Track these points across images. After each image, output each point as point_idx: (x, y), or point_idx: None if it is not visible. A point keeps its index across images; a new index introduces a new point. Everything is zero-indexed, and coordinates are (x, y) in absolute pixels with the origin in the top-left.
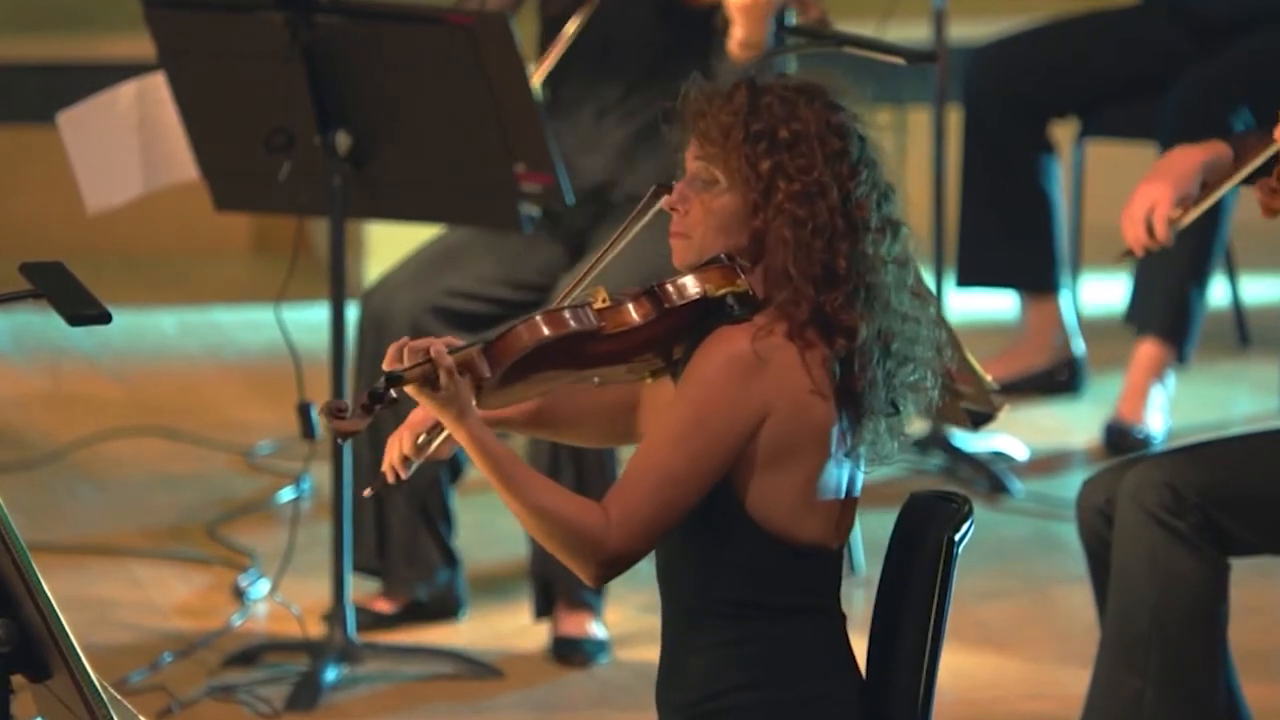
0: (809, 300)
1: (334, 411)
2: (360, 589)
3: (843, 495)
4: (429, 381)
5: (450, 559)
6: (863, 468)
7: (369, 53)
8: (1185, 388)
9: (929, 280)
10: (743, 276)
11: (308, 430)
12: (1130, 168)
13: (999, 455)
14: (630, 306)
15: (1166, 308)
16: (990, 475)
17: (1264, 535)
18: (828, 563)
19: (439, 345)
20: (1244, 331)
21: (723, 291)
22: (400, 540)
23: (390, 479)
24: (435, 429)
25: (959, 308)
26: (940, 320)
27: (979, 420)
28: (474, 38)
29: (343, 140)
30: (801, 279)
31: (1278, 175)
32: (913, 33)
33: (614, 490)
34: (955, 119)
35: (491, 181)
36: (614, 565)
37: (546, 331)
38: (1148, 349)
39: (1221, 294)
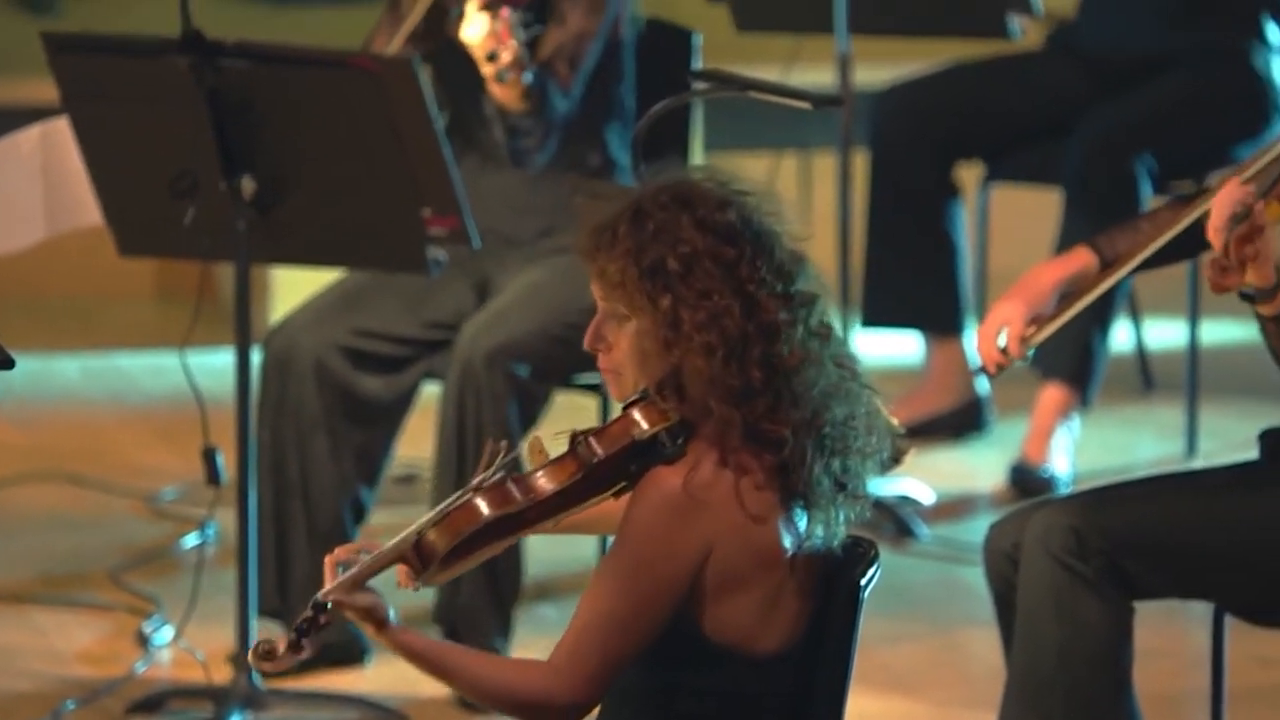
0: (735, 424)
1: (264, 654)
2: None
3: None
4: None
5: None
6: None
7: (275, 97)
8: (1090, 431)
9: (835, 321)
10: (671, 410)
11: (212, 475)
12: (1034, 212)
13: (905, 499)
14: (556, 468)
15: (1071, 352)
16: (896, 519)
17: (1168, 579)
18: (788, 667)
19: (349, 569)
20: (1147, 375)
21: (654, 431)
22: (304, 583)
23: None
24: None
25: (864, 350)
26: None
27: (885, 464)
28: (380, 82)
29: (248, 185)
30: (723, 404)
31: (1233, 251)
32: (818, 77)
33: (561, 643)
34: (861, 163)
35: (398, 226)
36: (569, 717)
37: (485, 514)
38: (1052, 392)
39: (1125, 338)
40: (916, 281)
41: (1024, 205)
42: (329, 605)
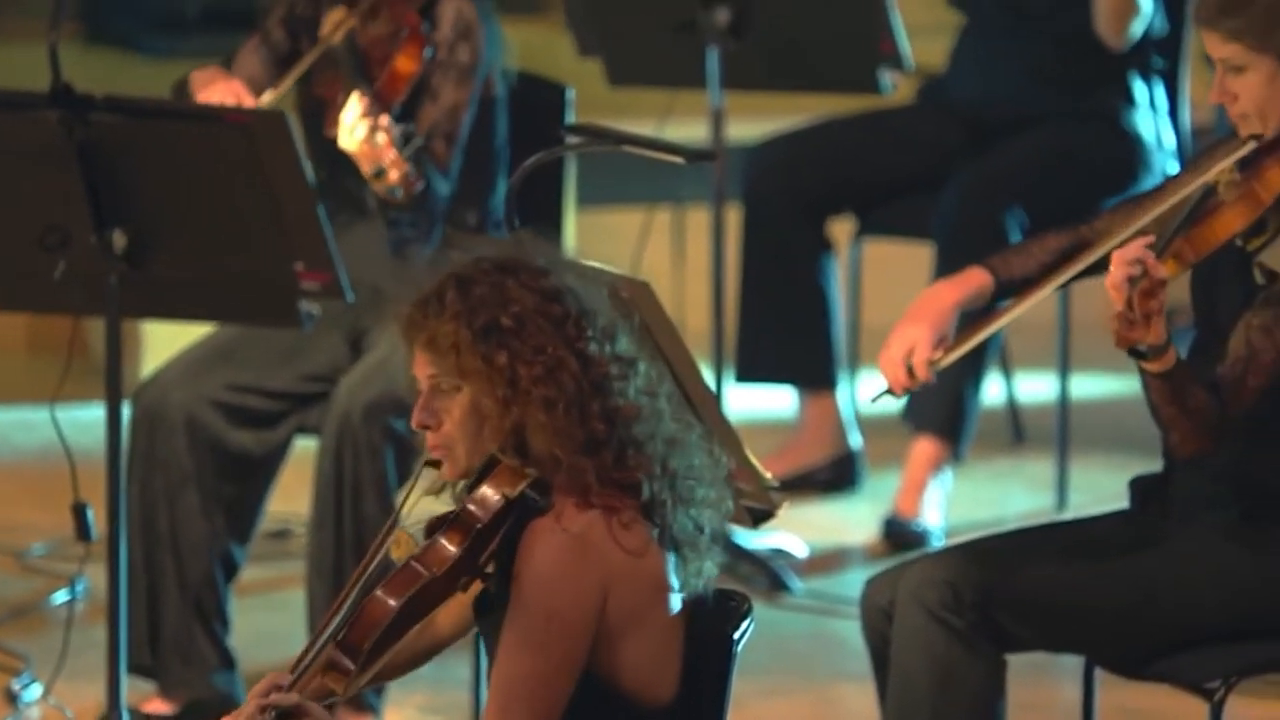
0: (588, 471)
1: None
2: (137, 690)
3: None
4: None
5: (227, 659)
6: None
7: (145, 150)
8: (961, 484)
9: (709, 377)
10: (523, 474)
11: (83, 531)
12: (906, 265)
13: (778, 552)
14: (444, 541)
15: (943, 405)
16: (770, 573)
17: (1040, 632)
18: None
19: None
20: (1019, 429)
21: (520, 488)
22: (175, 638)
23: None
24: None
25: (738, 405)
26: (720, 421)
27: (759, 517)
28: (252, 135)
29: (119, 239)
30: (571, 454)
31: (1137, 306)
32: (691, 131)
33: (486, 714)
34: (734, 217)
35: (270, 280)
36: None
37: (393, 603)
38: (924, 446)
39: (996, 392)
40: (789, 337)
41: (896, 259)
42: None
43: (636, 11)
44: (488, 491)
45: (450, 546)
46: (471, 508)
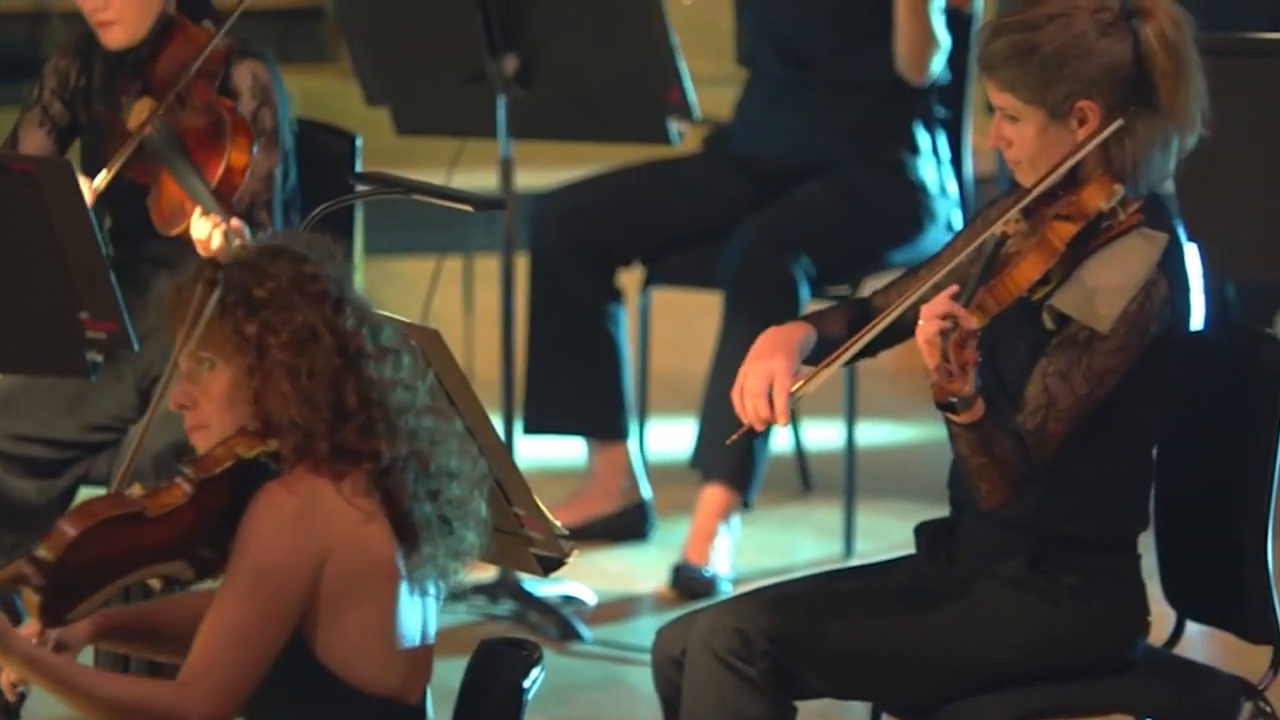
0: (324, 438)
1: None
2: None
3: (419, 641)
4: None
5: (6, 710)
6: (434, 596)
7: None
8: (750, 531)
9: (499, 427)
10: (263, 440)
11: None
12: (695, 314)
13: (568, 600)
14: (170, 487)
15: (731, 453)
16: (560, 621)
17: (828, 680)
18: (409, 718)
19: None
20: (806, 476)
21: (255, 452)
22: None
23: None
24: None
25: (528, 454)
26: (510, 470)
27: (549, 566)
28: (37, 183)
29: None
30: (310, 421)
31: (953, 358)
32: (480, 180)
33: (189, 660)
34: (523, 266)
35: (55, 329)
36: None
37: (89, 522)
38: (713, 493)
39: (784, 440)
40: (578, 387)
41: (685, 308)
42: None
43: (424, 60)
44: (221, 449)
45: (173, 492)
46: (202, 460)
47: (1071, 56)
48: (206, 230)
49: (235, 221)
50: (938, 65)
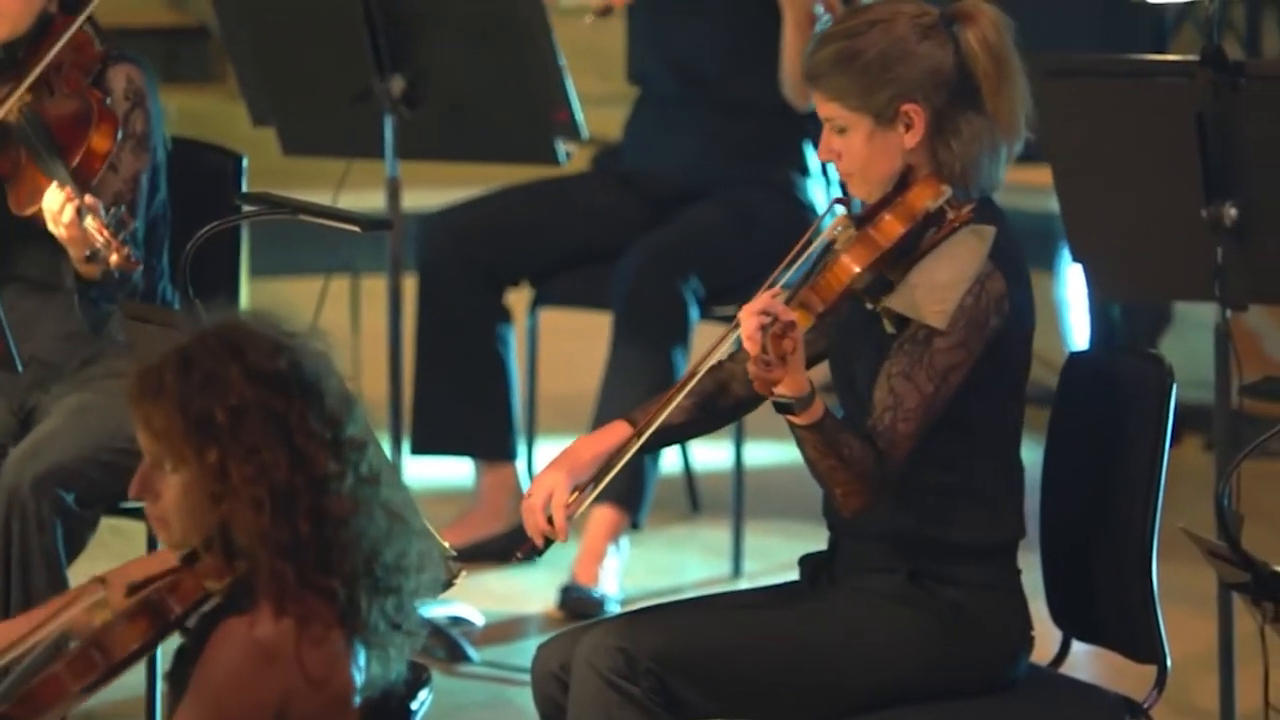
0: (287, 575)
1: None
2: None
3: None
4: None
5: None
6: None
7: None
8: (638, 552)
9: (385, 448)
10: (229, 568)
11: None
12: (584, 335)
13: (456, 621)
14: (133, 626)
15: (620, 474)
16: (448, 642)
17: (712, 699)
18: None
19: None
20: (694, 497)
21: (220, 587)
22: None
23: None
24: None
25: (415, 475)
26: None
27: (438, 588)
28: None
29: None
30: (273, 557)
31: (770, 349)
32: (367, 200)
33: None
34: (411, 286)
35: None
36: None
37: (70, 686)
38: (602, 514)
39: (673, 460)
40: (466, 407)
41: (574, 328)
42: None
43: (310, 80)
44: (188, 587)
45: (136, 635)
46: (169, 600)
47: (894, 60)
48: (59, 202)
49: (89, 198)
50: None
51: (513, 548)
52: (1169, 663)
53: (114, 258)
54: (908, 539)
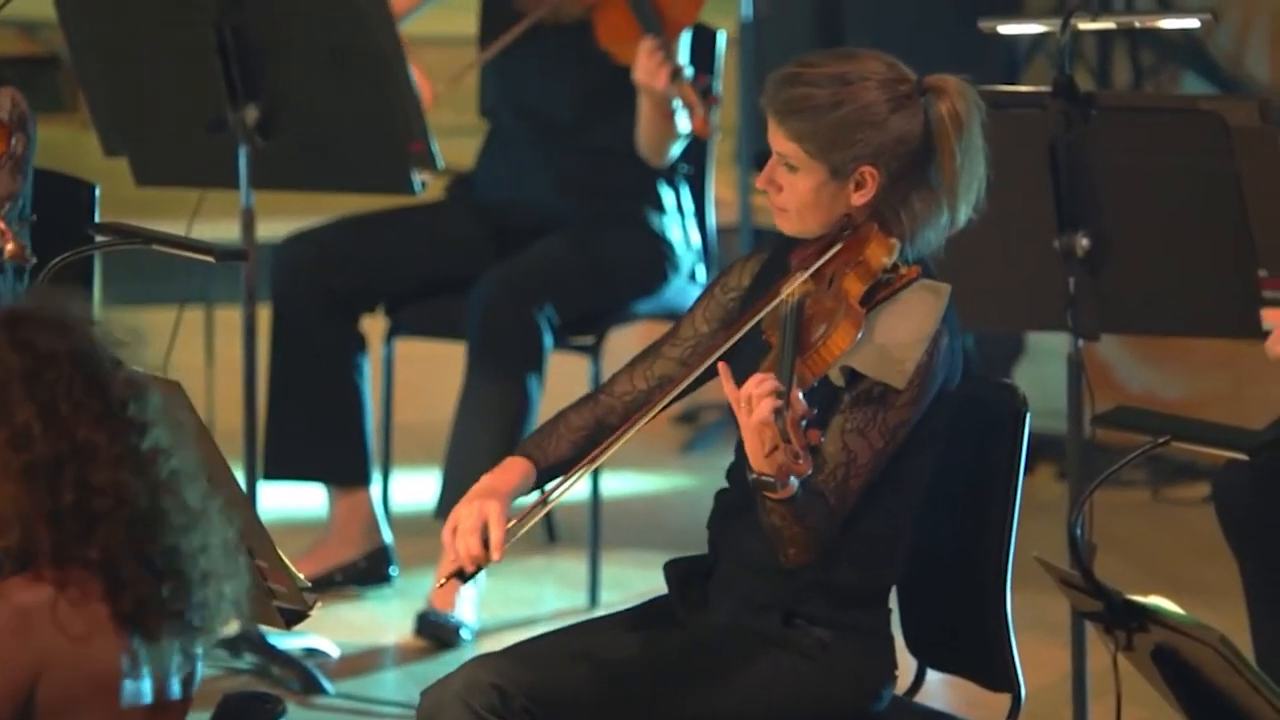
0: (44, 540)
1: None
2: None
3: (150, 700)
4: None
5: None
6: (191, 660)
7: None
8: (495, 582)
9: (240, 477)
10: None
11: None
12: (439, 363)
13: (311, 653)
14: None
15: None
16: (303, 674)
17: None
18: None
19: None
20: (551, 528)
21: None
22: None
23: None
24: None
25: (269, 504)
26: (253, 522)
27: (291, 618)
28: None
29: None
30: (31, 523)
31: (794, 438)
32: (222, 230)
33: None
34: (266, 317)
35: None
36: None
37: None
38: None
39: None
40: (320, 434)
41: (428, 358)
42: None
43: (163, 110)
44: None
45: None
46: None
47: (865, 124)
48: None
49: None
50: (676, 150)
51: (385, 575)
52: (1023, 691)
53: (10, 246)
54: (791, 578)
